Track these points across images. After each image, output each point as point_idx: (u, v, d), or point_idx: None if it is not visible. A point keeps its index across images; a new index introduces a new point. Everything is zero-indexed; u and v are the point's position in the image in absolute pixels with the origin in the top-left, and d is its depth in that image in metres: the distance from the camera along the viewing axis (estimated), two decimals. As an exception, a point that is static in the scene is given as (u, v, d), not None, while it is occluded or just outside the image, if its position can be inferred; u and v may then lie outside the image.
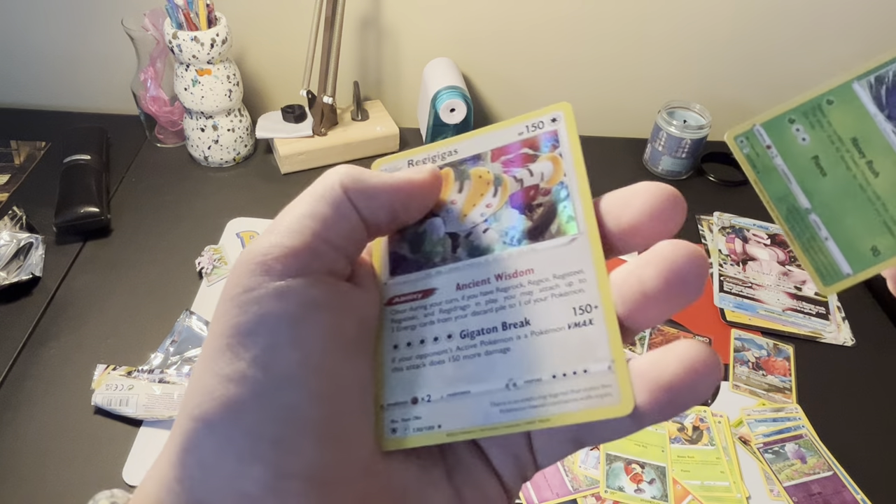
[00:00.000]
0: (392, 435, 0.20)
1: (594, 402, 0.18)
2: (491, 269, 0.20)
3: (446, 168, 0.22)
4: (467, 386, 0.19)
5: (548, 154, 0.21)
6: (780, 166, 0.26)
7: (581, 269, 0.19)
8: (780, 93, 1.08)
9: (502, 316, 0.20)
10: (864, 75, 0.25)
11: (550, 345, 0.19)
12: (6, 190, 0.93)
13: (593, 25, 1.02)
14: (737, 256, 0.88)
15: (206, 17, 0.87)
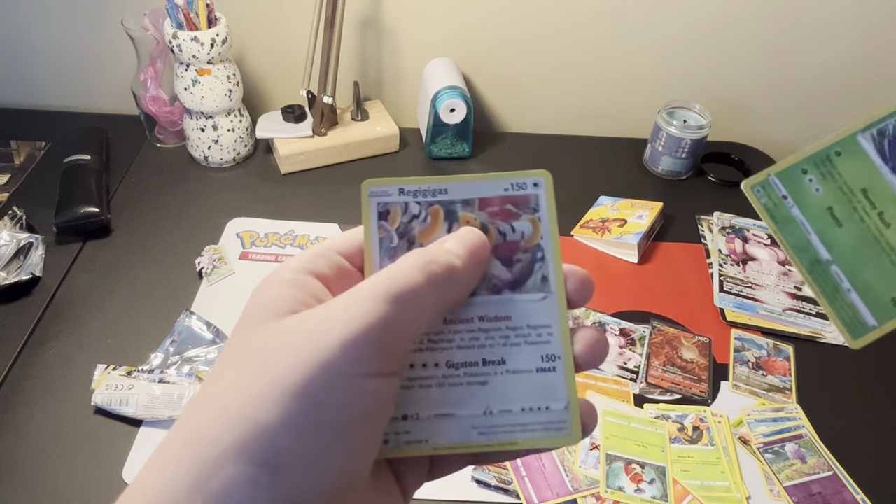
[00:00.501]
0: (385, 446, 0.22)
1: (552, 433, 0.23)
2: (475, 310, 0.23)
3: (436, 205, 0.24)
4: (451, 409, 0.23)
5: (528, 216, 0.24)
6: (797, 217, 0.26)
7: (549, 324, 0.23)
8: (780, 93, 1.08)
9: (483, 353, 0.23)
10: (866, 128, 0.26)
11: (521, 383, 0.23)
12: (6, 190, 0.93)
13: (593, 25, 1.02)
14: (737, 256, 0.88)
15: (206, 17, 0.87)
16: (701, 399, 0.72)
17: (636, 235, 0.86)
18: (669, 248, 0.91)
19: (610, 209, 0.94)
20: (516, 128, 1.15)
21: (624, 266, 0.87)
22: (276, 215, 0.91)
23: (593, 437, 0.67)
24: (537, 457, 0.65)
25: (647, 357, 0.76)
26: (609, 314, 0.80)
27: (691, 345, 0.78)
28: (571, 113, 1.12)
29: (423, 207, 0.24)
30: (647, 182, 1.02)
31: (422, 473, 0.25)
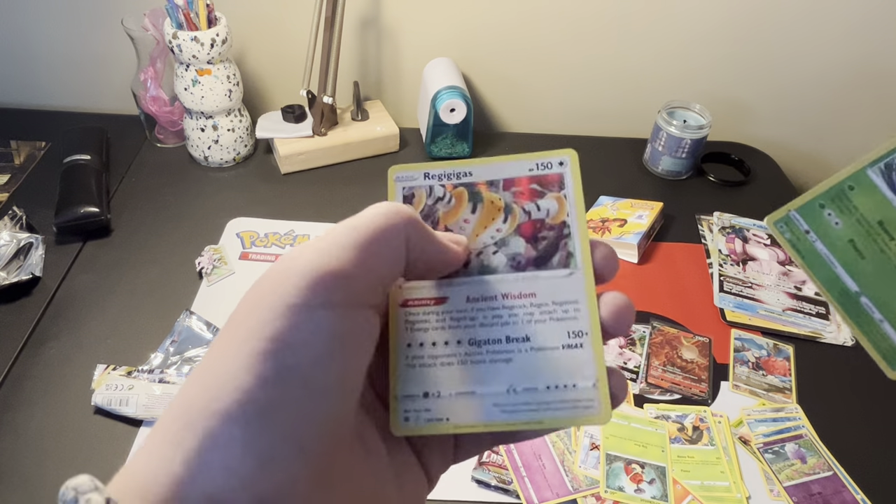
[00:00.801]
0: (405, 423, 0.22)
1: (580, 412, 0.22)
2: (499, 287, 0.23)
3: (461, 188, 0.25)
4: (473, 387, 0.22)
5: (554, 194, 0.24)
6: (822, 251, 0.27)
7: (576, 300, 0.23)
8: (780, 93, 1.08)
9: (506, 330, 0.23)
10: (875, 162, 0.26)
11: (546, 360, 0.22)
12: (6, 190, 0.93)
13: (593, 25, 1.02)
14: (737, 256, 0.88)
15: (206, 17, 0.87)
16: (701, 399, 0.72)
17: (636, 235, 0.86)
18: (669, 248, 0.91)
19: (610, 209, 0.94)
20: (516, 128, 1.15)
21: (624, 266, 0.87)
22: (276, 215, 0.91)
23: (593, 437, 0.67)
24: (537, 457, 0.65)
25: (647, 357, 0.76)
26: (609, 314, 0.80)
27: (691, 345, 0.78)
28: (571, 113, 1.12)
29: (448, 190, 0.24)
30: (647, 182, 1.02)
31: (447, 456, 0.24)
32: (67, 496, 0.19)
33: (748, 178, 1.04)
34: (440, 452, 0.24)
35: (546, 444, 0.66)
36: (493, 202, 0.24)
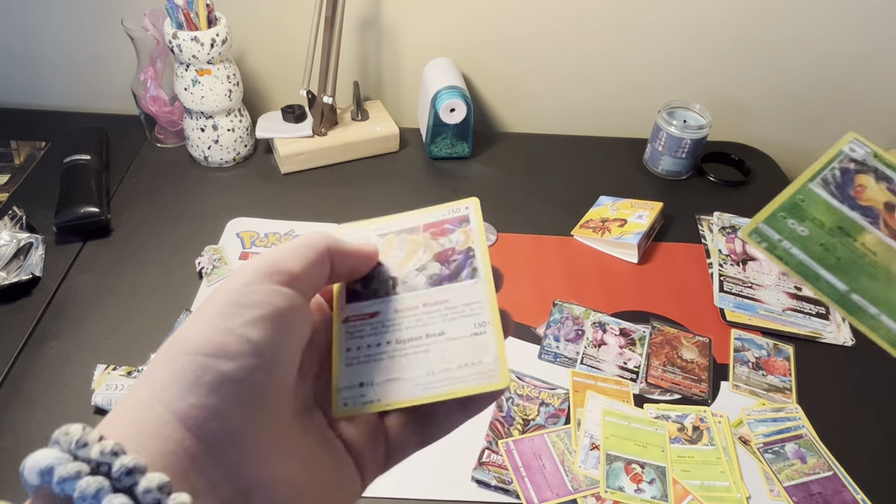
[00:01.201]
0: (344, 407, 0.27)
1: (485, 380, 0.27)
2: (420, 299, 0.30)
3: (391, 235, 0.32)
4: (399, 374, 0.28)
5: (462, 229, 0.32)
6: (800, 256, 0.28)
7: (480, 301, 0.29)
8: (781, 93, 1.08)
9: (426, 329, 0.29)
10: (813, 177, 0.29)
11: (458, 346, 0.28)
12: (6, 190, 0.93)
13: (593, 25, 1.02)
14: (737, 256, 0.88)
15: (206, 17, 0.87)
16: (701, 399, 0.72)
17: (636, 235, 0.86)
18: (669, 248, 0.91)
19: (610, 209, 0.94)
20: (516, 128, 1.15)
21: (624, 266, 0.87)
22: (276, 215, 0.91)
23: (593, 437, 0.67)
24: (537, 457, 0.65)
25: (647, 357, 0.76)
26: (609, 314, 0.80)
27: (691, 345, 0.78)
28: (571, 113, 1.12)
29: (382, 237, 0.32)
30: (647, 182, 1.02)
31: (378, 463, 0.29)
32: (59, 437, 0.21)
33: (748, 178, 1.04)
34: (373, 459, 0.28)
35: (546, 444, 0.66)
36: (414, 241, 0.32)
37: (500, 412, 0.69)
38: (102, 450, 0.20)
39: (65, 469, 0.19)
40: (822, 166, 0.29)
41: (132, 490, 0.19)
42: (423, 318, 0.29)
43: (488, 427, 0.68)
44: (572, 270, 0.86)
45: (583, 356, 0.76)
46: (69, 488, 0.19)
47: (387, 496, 0.62)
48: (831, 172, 0.29)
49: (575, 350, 0.76)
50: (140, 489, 0.19)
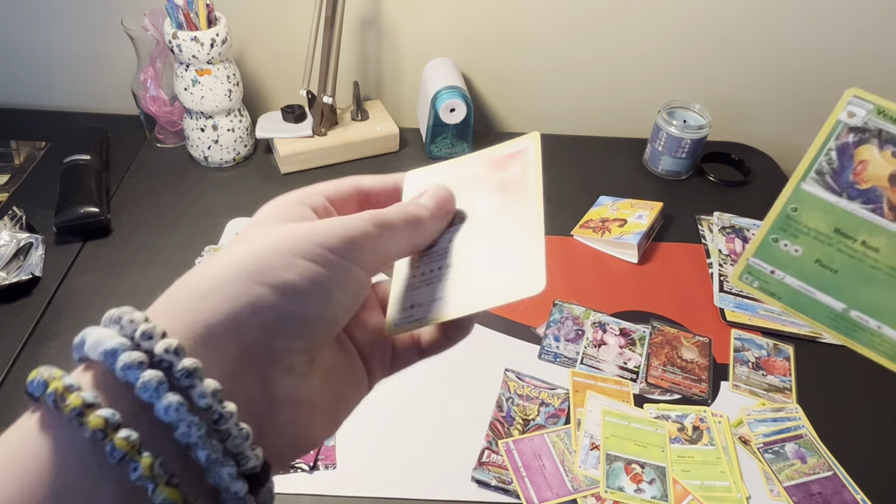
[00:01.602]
0: (395, 326, 0.30)
1: (524, 286, 0.28)
2: (473, 226, 0.31)
3: (453, 174, 0.33)
4: (444, 294, 0.29)
5: (520, 161, 0.32)
6: (794, 284, 0.27)
7: (527, 220, 0.30)
8: (780, 93, 1.08)
9: (473, 250, 0.30)
10: (805, 174, 0.27)
11: (501, 262, 0.29)
12: (6, 190, 0.93)
13: (593, 25, 1.02)
14: (737, 256, 0.88)
15: (206, 17, 0.87)
16: (701, 399, 0.72)
17: (636, 235, 0.86)
18: (669, 248, 0.91)
19: (610, 209, 0.94)
20: (516, 128, 1.15)
21: (624, 266, 0.87)
22: (276, 215, 0.91)
23: (593, 437, 0.67)
24: (537, 457, 0.65)
25: (647, 357, 0.76)
26: (609, 314, 0.80)
27: (691, 345, 0.78)
28: (571, 113, 1.12)
29: (445, 179, 0.33)
30: (647, 182, 1.02)
31: (385, 366, 0.31)
32: (111, 316, 0.22)
33: (748, 178, 1.04)
34: (381, 363, 0.31)
35: (546, 444, 0.66)
36: (475, 176, 0.33)
37: (500, 412, 0.69)
38: (167, 348, 0.20)
39: (129, 357, 0.20)
40: (815, 152, 0.27)
41: (188, 391, 0.20)
42: (473, 245, 0.30)
43: (488, 427, 0.68)
44: (572, 270, 0.86)
45: (583, 356, 0.76)
46: (132, 376, 0.20)
47: (387, 496, 0.62)
48: (826, 159, 0.27)
49: (575, 350, 0.76)
50: (196, 392, 0.20)
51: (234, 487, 0.21)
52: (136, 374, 0.20)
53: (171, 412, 0.20)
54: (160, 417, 0.20)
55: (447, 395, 0.70)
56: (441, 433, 0.67)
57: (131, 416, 0.20)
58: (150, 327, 0.21)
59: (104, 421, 0.19)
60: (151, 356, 0.20)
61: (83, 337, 0.21)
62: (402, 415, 0.69)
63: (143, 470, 0.19)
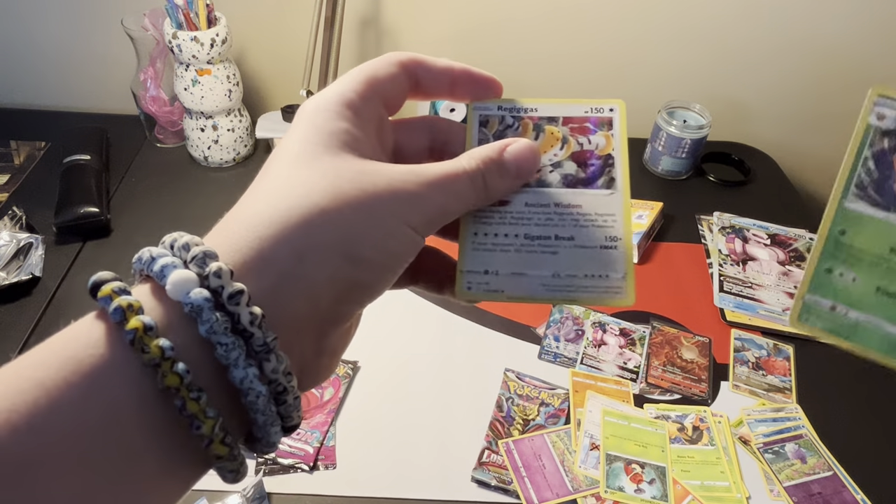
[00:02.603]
0: (468, 290, 0.27)
1: (611, 295, 0.27)
2: (552, 198, 0.29)
3: (526, 119, 0.30)
4: (525, 270, 0.27)
5: (603, 132, 0.30)
6: (858, 318, 0.24)
7: (614, 214, 0.28)
8: (780, 93, 1.08)
9: (556, 230, 0.28)
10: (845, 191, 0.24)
11: (586, 256, 0.27)
12: (6, 190, 0.93)
13: (593, 25, 1.02)
14: (737, 256, 0.88)
15: (206, 17, 0.87)
16: (701, 399, 0.72)
17: (636, 235, 0.86)
18: (669, 248, 0.91)
19: (610, 209, 0.94)
20: (516, 128, 1.15)
21: (624, 266, 0.87)
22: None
23: (593, 437, 0.67)
24: (537, 457, 0.65)
25: (647, 357, 0.76)
26: (609, 314, 0.80)
27: (691, 345, 0.78)
28: (571, 113, 1.12)
29: (517, 120, 0.30)
30: (647, 182, 1.02)
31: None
32: (173, 243, 0.23)
33: (748, 178, 1.04)
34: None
35: (546, 445, 0.66)
36: (553, 133, 0.30)
37: (500, 412, 0.69)
38: (231, 293, 0.20)
39: (200, 294, 0.20)
40: (851, 164, 0.24)
41: (262, 364, 0.21)
42: (553, 219, 0.28)
43: (488, 427, 0.68)
44: (572, 270, 0.86)
45: (583, 356, 0.76)
46: (197, 311, 0.20)
47: (387, 496, 0.62)
48: (864, 170, 0.24)
49: (575, 350, 0.76)
50: (269, 367, 0.21)
51: (275, 438, 0.22)
52: (209, 316, 0.20)
53: (245, 384, 0.20)
54: (235, 384, 0.20)
55: (447, 395, 0.70)
56: (441, 433, 0.67)
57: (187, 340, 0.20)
58: (217, 269, 0.21)
59: (161, 351, 0.19)
60: (214, 293, 0.20)
61: (158, 264, 0.21)
62: (402, 415, 0.69)
63: (205, 430, 0.19)
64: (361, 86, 0.27)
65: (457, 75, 0.29)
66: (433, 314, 0.78)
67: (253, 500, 0.60)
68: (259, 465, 0.63)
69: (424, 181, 0.24)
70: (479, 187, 0.26)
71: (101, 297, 0.20)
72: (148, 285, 0.21)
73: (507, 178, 0.27)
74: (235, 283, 0.21)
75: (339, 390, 0.70)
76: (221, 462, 0.20)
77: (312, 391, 0.69)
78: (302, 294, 0.22)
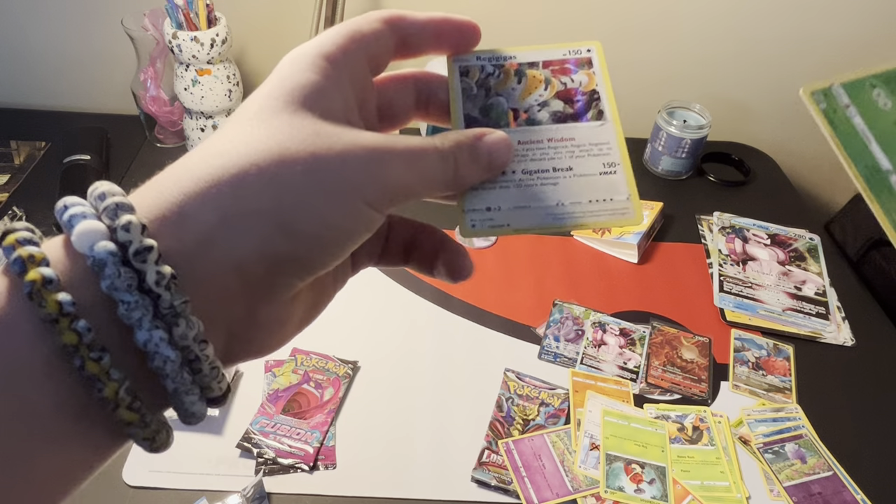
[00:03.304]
0: (472, 228, 0.27)
1: (617, 216, 0.27)
2: (544, 134, 0.29)
3: (507, 66, 0.30)
4: (528, 202, 0.27)
5: (585, 70, 0.30)
6: (859, 126, 0.26)
7: (608, 142, 0.29)
8: (780, 93, 1.08)
9: (553, 163, 0.28)
10: None
11: (587, 183, 0.28)
12: (6, 190, 0.93)
13: (593, 25, 1.02)
14: (737, 256, 0.88)
15: (206, 17, 0.87)
16: (701, 399, 0.72)
17: (636, 235, 0.86)
18: (669, 248, 0.91)
19: (610, 209, 0.94)
20: (516, 128, 1.15)
21: (624, 266, 0.87)
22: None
23: (593, 437, 0.67)
24: (537, 457, 0.65)
25: (647, 357, 0.76)
26: (609, 314, 0.80)
27: (691, 345, 0.78)
28: (571, 113, 1.12)
29: (497, 67, 0.30)
30: (647, 182, 1.02)
31: (373, 258, 0.29)
32: (96, 192, 0.20)
33: (748, 178, 1.04)
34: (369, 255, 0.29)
35: (546, 445, 0.66)
36: (535, 76, 0.30)
37: (499, 412, 0.69)
38: (138, 248, 0.19)
39: (105, 248, 0.19)
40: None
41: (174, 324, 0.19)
42: (548, 153, 0.28)
43: (488, 427, 0.68)
44: (572, 270, 0.86)
45: (583, 356, 0.76)
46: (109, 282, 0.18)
47: (387, 496, 0.62)
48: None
49: (575, 350, 0.76)
50: (178, 332, 0.19)
51: (193, 409, 0.20)
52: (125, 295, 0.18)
53: (150, 346, 0.19)
54: (139, 347, 0.19)
55: (447, 395, 0.70)
56: (441, 433, 0.67)
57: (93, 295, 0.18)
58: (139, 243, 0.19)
59: (59, 305, 0.18)
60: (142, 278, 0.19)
61: (81, 229, 0.19)
62: (402, 415, 0.69)
63: (108, 392, 0.18)
64: (343, 39, 0.25)
65: (440, 25, 0.28)
66: (433, 314, 0.78)
67: (253, 500, 0.60)
68: (259, 465, 0.63)
69: (389, 150, 0.22)
70: (448, 168, 0.24)
71: (5, 247, 0.19)
72: (61, 238, 0.20)
73: (478, 166, 0.26)
74: (147, 239, 0.19)
75: (339, 390, 0.70)
76: (131, 429, 0.19)
77: (312, 391, 0.69)
78: (225, 261, 0.20)
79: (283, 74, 0.25)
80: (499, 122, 0.29)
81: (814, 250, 0.90)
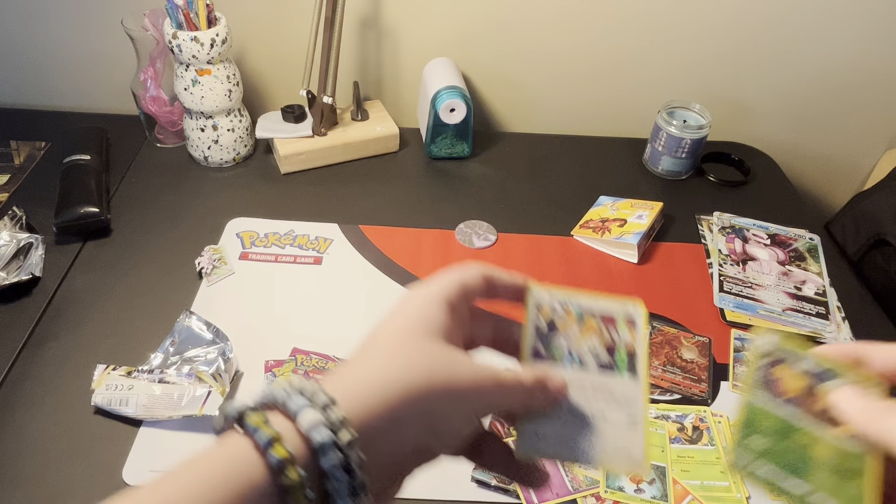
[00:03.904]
0: (525, 452, 0.34)
1: (631, 466, 0.34)
2: (590, 379, 0.36)
3: (571, 310, 0.37)
4: (569, 439, 0.34)
5: (629, 329, 0.37)
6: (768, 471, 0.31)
7: (636, 399, 0.35)
8: (780, 93, 1.08)
9: (592, 407, 0.35)
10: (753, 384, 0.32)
11: (614, 432, 0.34)
12: (6, 190, 0.93)
13: (594, 25, 1.02)
14: (737, 256, 0.88)
15: (206, 17, 0.87)
16: (701, 399, 0.72)
17: (636, 235, 0.86)
18: (669, 248, 0.91)
19: (610, 209, 0.94)
20: (516, 128, 1.15)
21: (624, 266, 0.87)
22: (275, 215, 0.91)
23: (593, 437, 0.67)
24: (537, 457, 0.65)
25: (647, 357, 0.76)
26: (609, 314, 0.80)
27: (691, 345, 0.78)
28: (571, 113, 1.12)
29: (563, 307, 0.37)
30: (647, 182, 1.02)
31: None
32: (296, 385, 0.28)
33: (748, 178, 1.04)
34: None
35: (546, 444, 0.66)
36: (591, 324, 0.37)
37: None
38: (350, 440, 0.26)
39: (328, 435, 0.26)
40: (753, 369, 0.33)
41: None
42: (590, 397, 0.35)
43: (488, 427, 0.68)
44: (572, 270, 0.86)
45: (583, 356, 0.75)
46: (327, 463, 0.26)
47: (387, 496, 0.62)
48: (760, 373, 0.33)
49: (575, 350, 0.76)
50: None
51: None
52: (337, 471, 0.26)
53: None
54: None
55: (447, 395, 0.70)
56: (441, 433, 0.67)
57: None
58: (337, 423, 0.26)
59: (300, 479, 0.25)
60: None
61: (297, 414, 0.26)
62: (402, 415, 0.68)
63: None
64: (457, 289, 0.33)
65: (518, 287, 0.36)
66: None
67: (253, 500, 0.60)
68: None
69: (498, 382, 0.31)
70: (527, 398, 0.33)
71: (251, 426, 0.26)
72: (284, 419, 0.27)
73: (545, 398, 0.34)
74: (353, 430, 0.26)
75: (339, 390, 0.69)
76: None
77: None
78: (392, 448, 0.28)
79: (422, 309, 0.32)
80: (556, 359, 0.36)
81: (814, 250, 0.90)
